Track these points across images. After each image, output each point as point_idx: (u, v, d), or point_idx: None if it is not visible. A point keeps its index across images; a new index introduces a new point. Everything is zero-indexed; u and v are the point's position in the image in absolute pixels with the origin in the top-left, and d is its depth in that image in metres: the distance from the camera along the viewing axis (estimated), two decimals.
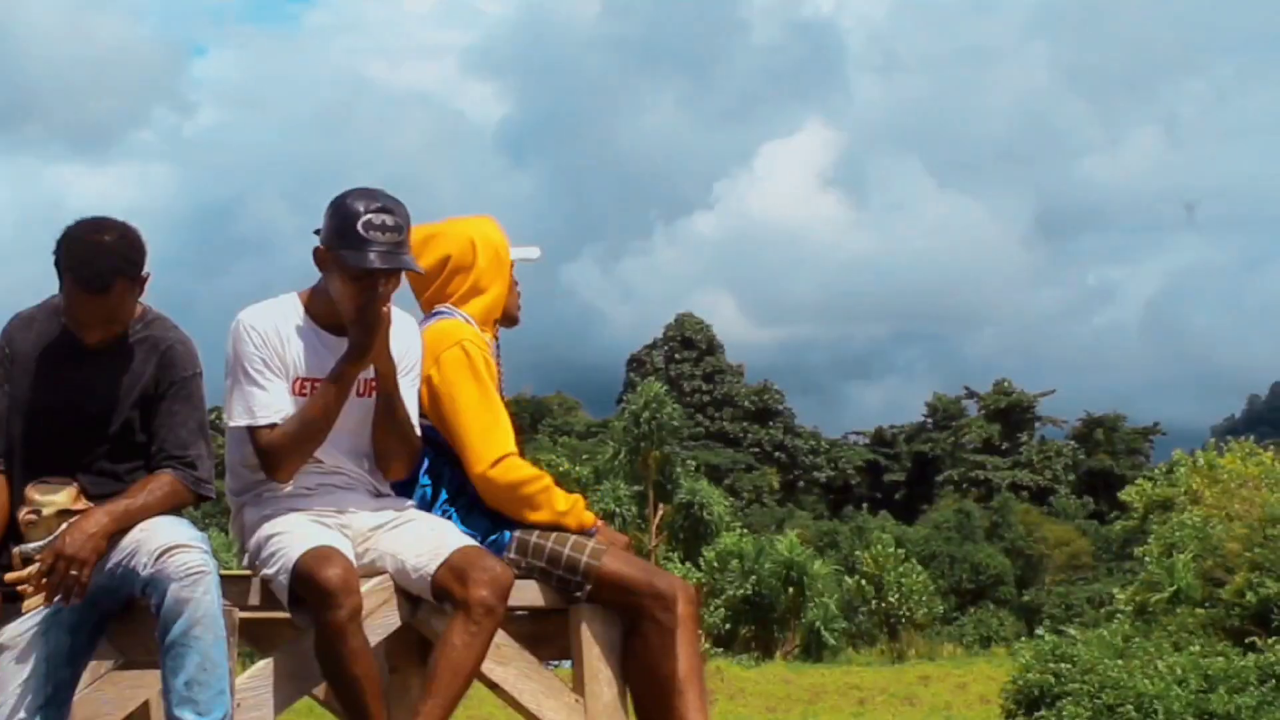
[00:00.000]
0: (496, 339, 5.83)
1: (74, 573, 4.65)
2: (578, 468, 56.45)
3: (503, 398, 5.65)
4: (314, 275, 5.27)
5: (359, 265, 5.06)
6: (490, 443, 5.43)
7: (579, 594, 5.40)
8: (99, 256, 4.80)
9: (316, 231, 5.23)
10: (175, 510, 4.93)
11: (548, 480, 5.53)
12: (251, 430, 5.17)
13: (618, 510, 51.27)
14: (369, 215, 5.07)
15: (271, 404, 5.16)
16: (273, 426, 5.14)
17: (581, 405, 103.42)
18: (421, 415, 5.44)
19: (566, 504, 5.51)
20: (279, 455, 5.16)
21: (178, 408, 4.99)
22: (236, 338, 5.21)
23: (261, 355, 5.17)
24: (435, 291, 5.69)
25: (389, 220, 5.09)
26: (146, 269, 4.93)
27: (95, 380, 4.96)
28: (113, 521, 4.77)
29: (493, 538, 5.44)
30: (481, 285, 5.67)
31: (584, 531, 5.50)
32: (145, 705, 5.61)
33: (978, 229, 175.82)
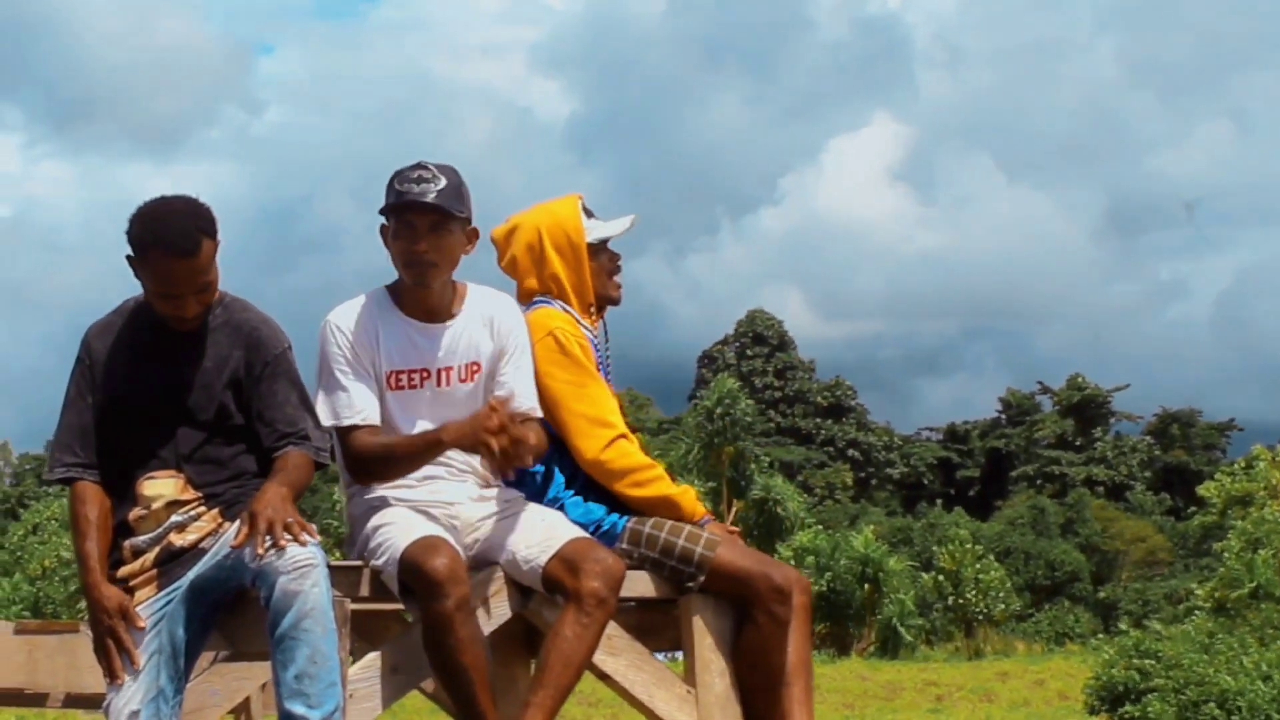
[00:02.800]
0: (602, 323, 5.83)
1: (280, 526, 4.66)
2: None
3: (610, 383, 5.66)
4: (382, 270, 5.36)
5: (386, 206, 5.22)
6: (597, 428, 5.44)
7: (691, 585, 5.37)
8: (181, 219, 4.85)
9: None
10: (308, 483, 4.96)
11: (661, 468, 5.53)
12: (336, 430, 5.21)
13: None
14: (403, 172, 5.24)
15: (354, 404, 5.20)
16: (355, 427, 5.18)
17: (653, 402, 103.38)
18: None
19: (678, 490, 5.50)
20: (361, 463, 5.21)
21: (278, 387, 5.01)
22: (323, 339, 5.28)
23: (346, 355, 5.23)
24: (524, 284, 5.73)
25: (423, 174, 5.22)
26: (219, 237, 4.97)
27: (184, 370, 4.98)
28: (288, 490, 4.80)
29: (605, 528, 5.43)
30: (557, 273, 5.68)
31: (694, 522, 5.47)
32: (246, 700, 5.63)
33: (1047, 224, 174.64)
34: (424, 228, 5.19)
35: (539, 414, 5.37)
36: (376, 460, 5.18)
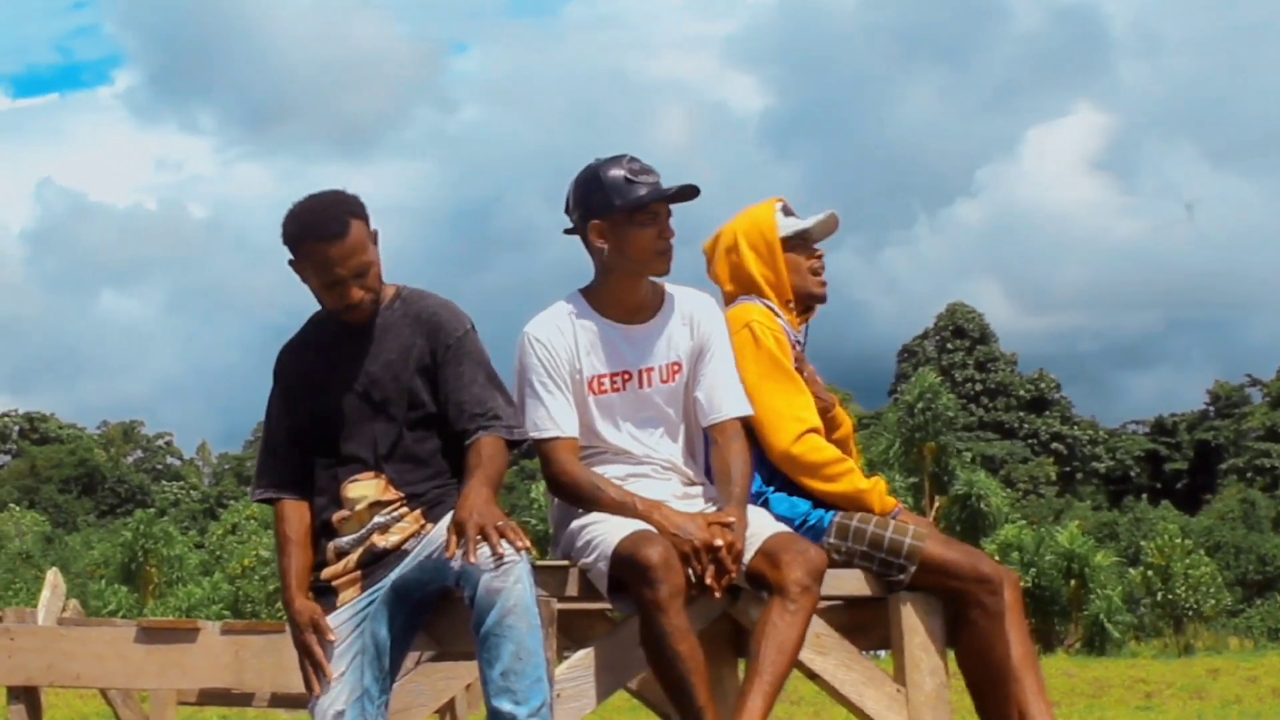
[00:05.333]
0: (805, 324, 5.82)
1: (493, 531, 4.63)
2: None
3: (809, 382, 5.60)
4: (576, 269, 5.35)
5: (638, 199, 5.17)
6: (789, 420, 5.41)
7: (901, 578, 5.31)
8: (325, 206, 4.93)
9: (568, 230, 5.37)
10: (505, 468, 4.95)
11: (851, 462, 5.50)
12: (536, 443, 5.19)
13: None
14: (630, 165, 5.23)
15: (553, 418, 5.20)
16: (554, 439, 5.18)
17: (853, 397, 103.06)
18: None
19: (869, 483, 5.46)
20: (560, 487, 5.22)
21: (464, 369, 4.98)
22: (521, 350, 5.28)
23: (546, 366, 5.23)
24: (726, 288, 5.76)
25: (645, 165, 5.24)
26: (373, 225, 5.00)
27: (371, 365, 4.99)
28: (491, 490, 4.79)
29: (811, 523, 5.38)
30: (751, 269, 5.70)
31: (887, 515, 5.42)
32: (451, 701, 5.60)
33: (1254, 211, 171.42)
34: (666, 215, 5.24)
35: (747, 412, 5.33)
36: (571, 491, 5.19)
